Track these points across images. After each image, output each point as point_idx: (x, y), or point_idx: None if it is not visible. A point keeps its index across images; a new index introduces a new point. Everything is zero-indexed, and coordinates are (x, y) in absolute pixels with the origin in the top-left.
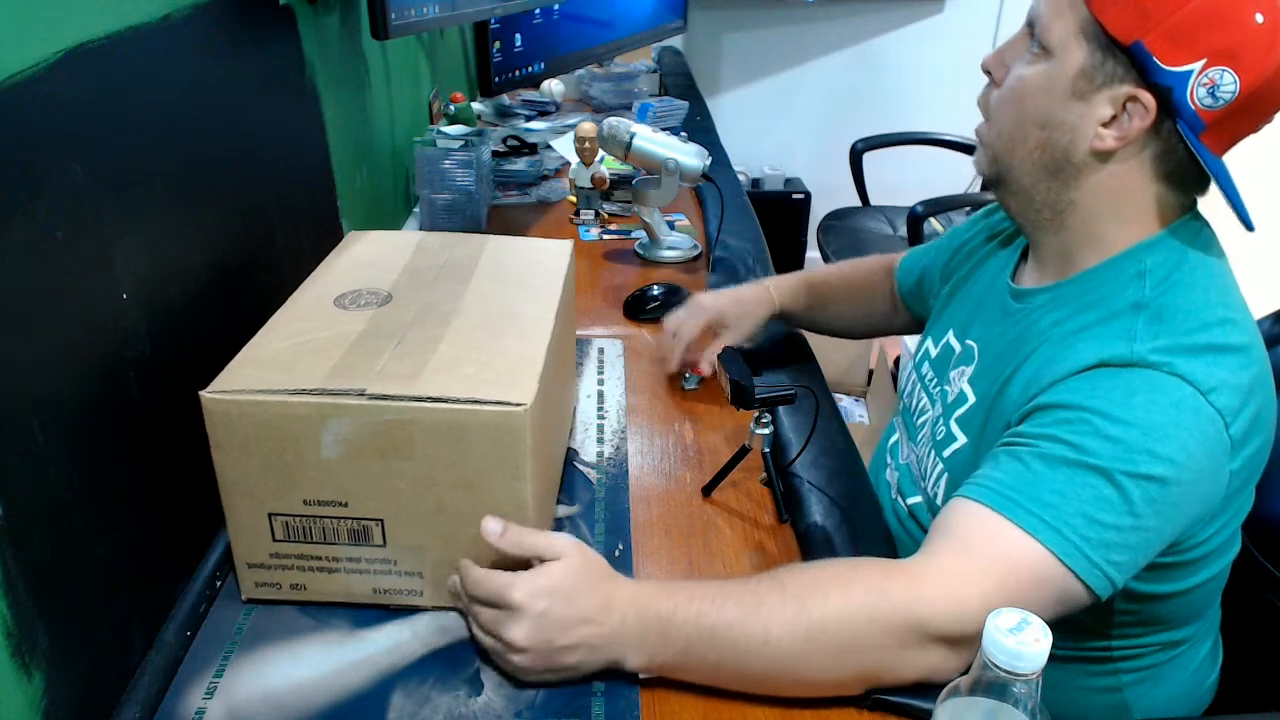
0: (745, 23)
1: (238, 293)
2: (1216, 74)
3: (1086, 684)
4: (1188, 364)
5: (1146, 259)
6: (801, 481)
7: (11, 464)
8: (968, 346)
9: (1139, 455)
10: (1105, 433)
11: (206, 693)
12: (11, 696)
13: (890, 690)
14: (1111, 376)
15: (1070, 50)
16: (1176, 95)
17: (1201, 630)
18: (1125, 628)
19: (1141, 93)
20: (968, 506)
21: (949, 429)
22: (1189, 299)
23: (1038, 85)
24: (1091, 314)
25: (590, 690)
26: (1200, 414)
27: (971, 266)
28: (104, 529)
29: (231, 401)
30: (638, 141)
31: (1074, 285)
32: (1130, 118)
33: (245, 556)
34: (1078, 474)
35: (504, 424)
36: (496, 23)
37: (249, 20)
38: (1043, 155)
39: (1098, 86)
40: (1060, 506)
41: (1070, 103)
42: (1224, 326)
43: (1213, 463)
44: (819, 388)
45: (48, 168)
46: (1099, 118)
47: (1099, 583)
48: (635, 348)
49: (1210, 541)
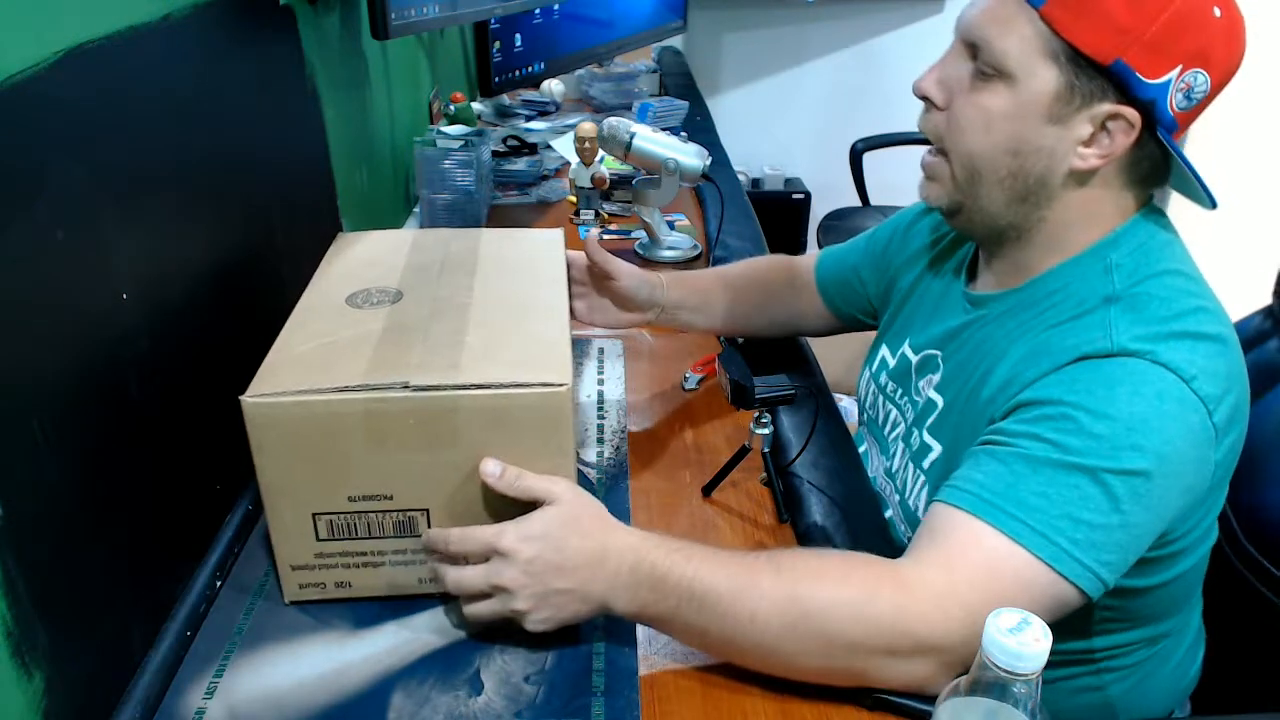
0: (745, 23)
1: (237, 293)
2: (1191, 77)
3: (1069, 685)
4: (1169, 351)
5: (1111, 254)
6: (801, 481)
7: (11, 464)
8: (929, 356)
9: (1123, 450)
10: (1088, 429)
11: (207, 692)
12: (11, 696)
13: (890, 690)
14: (1093, 369)
15: (1037, 73)
16: (1159, 106)
17: (1181, 623)
18: (1106, 623)
19: (1124, 109)
20: (950, 513)
21: (923, 439)
22: (1160, 288)
23: (1004, 112)
24: (1061, 312)
25: (590, 690)
26: (1185, 403)
27: (919, 273)
28: (104, 529)
29: (274, 404)
30: (638, 141)
31: (1037, 286)
32: (1112, 135)
33: (289, 559)
34: (1060, 474)
35: (548, 405)
36: (496, 23)
37: (249, 20)
38: (1015, 183)
39: (1076, 109)
40: (1044, 509)
41: (1044, 127)
42: (1198, 315)
43: (1197, 452)
44: (819, 388)
45: (48, 168)
46: (1077, 138)
47: (1090, 584)
48: (635, 348)
49: (1191, 534)
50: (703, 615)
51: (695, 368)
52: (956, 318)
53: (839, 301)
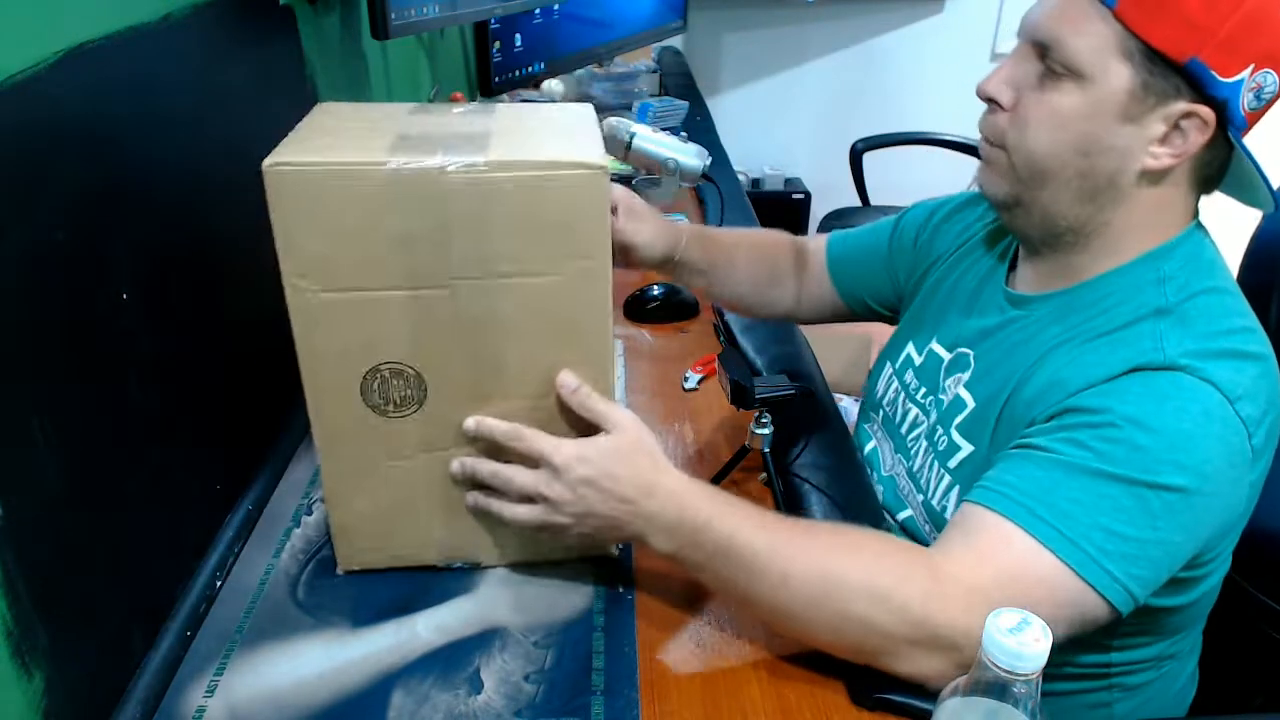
0: (745, 23)
1: (237, 293)
2: (1262, 77)
3: (1078, 701)
4: (1216, 369)
5: (1163, 265)
6: (802, 482)
7: (11, 464)
8: (961, 354)
9: (1163, 465)
10: (1131, 440)
11: (207, 691)
12: (11, 696)
13: (891, 690)
14: (1144, 381)
15: (1111, 72)
16: (1232, 105)
17: (1188, 644)
18: (1128, 638)
19: (1199, 107)
20: (982, 514)
21: (950, 438)
22: (1210, 304)
23: (1078, 112)
24: (1111, 320)
25: (590, 689)
26: (1228, 424)
27: (950, 269)
28: (104, 529)
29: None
30: (637, 141)
31: (1085, 291)
32: (1186, 134)
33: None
34: (1097, 483)
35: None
36: (496, 23)
37: (249, 20)
38: (1084, 183)
39: (1150, 107)
40: (1078, 517)
41: (1119, 126)
42: (1245, 335)
43: (1234, 473)
44: (819, 388)
45: (49, 167)
46: (1151, 137)
47: (1120, 598)
48: (635, 348)
49: (1221, 555)
50: (735, 570)
51: (695, 368)
52: (993, 316)
53: (852, 285)
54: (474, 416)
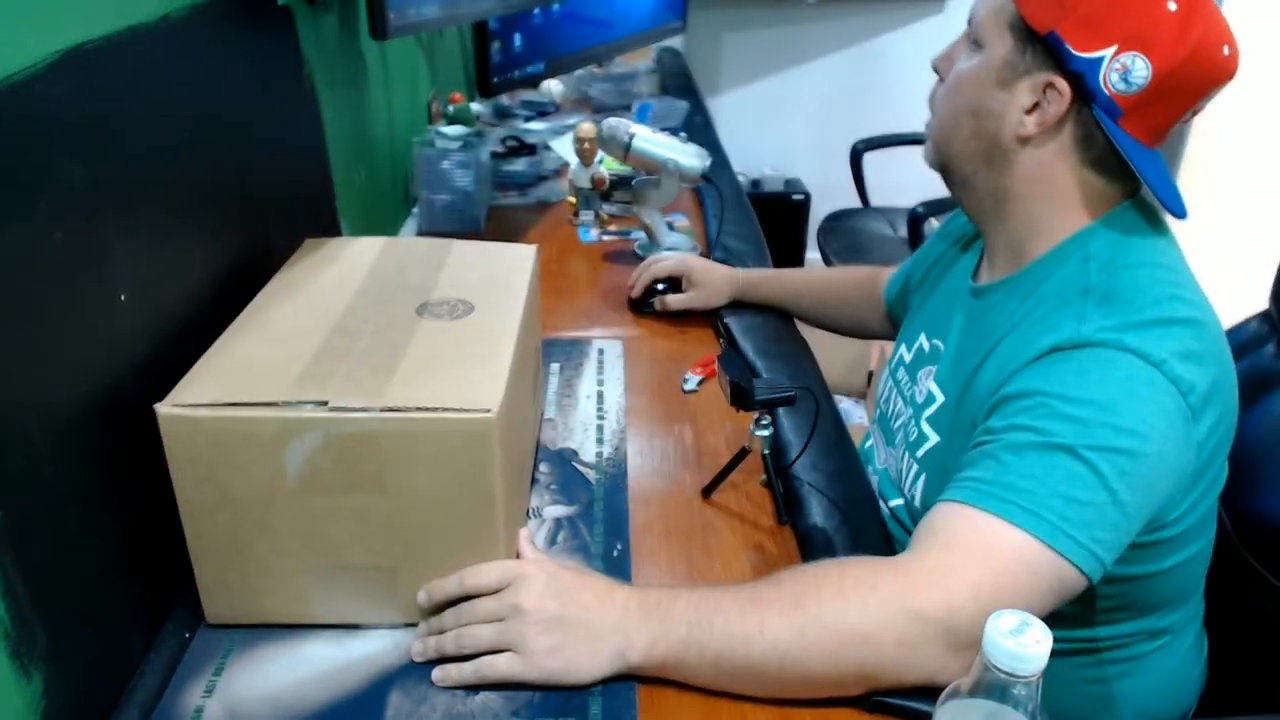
0: (745, 23)
1: (236, 294)
2: (1128, 59)
3: (1073, 675)
4: (1136, 339)
5: (1089, 244)
6: (801, 483)
7: (10, 466)
8: (934, 346)
9: (1100, 429)
10: (1063, 413)
11: (206, 691)
12: (11, 697)
13: (891, 692)
14: (1063, 360)
15: (996, 42)
16: (1089, 80)
17: (1184, 619)
18: (1109, 613)
19: (1057, 79)
20: (947, 507)
21: (920, 430)
22: (1135, 278)
23: (970, 77)
24: (1043, 302)
25: (588, 689)
26: (1154, 385)
27: (938, 272)
28: (103, 530)
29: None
30: (637, 142)
31: (1025, 277)
32: (1049, 104)
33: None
34: (1044, 455)
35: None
36: (496, 23)
37: (248, 20)
38: (977, 144)
39: (1020, 75)
40: (1033, 490)
41: (996, 91)
42: (1172, 302)
43: (1175, 432)
44: (819, 389)
45: (47, 168)
46: (1022, 104)
47: (1088, 563)
48: (635, 348)
49: (1186, 518)
50: (714, 636)
51: (695, 369)
52: (959, 309)
53: (900, 312)
54: (423, 589)
